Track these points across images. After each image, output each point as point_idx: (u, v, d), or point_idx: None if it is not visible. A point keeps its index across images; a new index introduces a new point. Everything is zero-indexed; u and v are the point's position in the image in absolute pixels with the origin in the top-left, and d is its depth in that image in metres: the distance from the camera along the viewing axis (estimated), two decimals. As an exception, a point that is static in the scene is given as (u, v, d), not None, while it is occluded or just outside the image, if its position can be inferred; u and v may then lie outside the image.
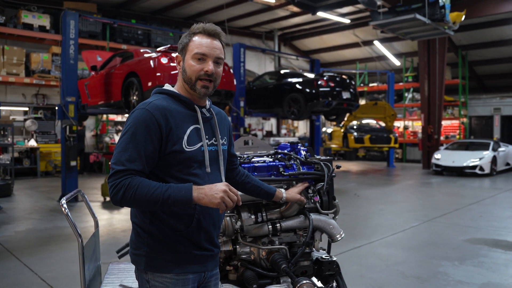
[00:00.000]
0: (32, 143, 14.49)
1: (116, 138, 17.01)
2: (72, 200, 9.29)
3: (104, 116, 16.45)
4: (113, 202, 1.72)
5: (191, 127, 1.86)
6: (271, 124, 23.41)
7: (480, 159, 14.96)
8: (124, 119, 17.60)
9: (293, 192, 2.43)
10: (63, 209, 2.44)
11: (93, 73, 10.42)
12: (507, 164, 16.66)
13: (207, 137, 1.91)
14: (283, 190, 2.39)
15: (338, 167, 2.65)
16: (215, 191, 1.71)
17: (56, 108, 11.37)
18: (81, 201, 9.16)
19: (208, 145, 1.90)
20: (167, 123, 1.78)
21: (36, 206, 9.11)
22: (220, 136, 1.98)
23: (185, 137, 1.82)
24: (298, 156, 2.70)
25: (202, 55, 1.86)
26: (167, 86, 1.96)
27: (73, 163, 9.55)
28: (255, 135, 19.75)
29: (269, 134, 20.94)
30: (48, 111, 15.60)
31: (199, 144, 1.86)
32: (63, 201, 2.51)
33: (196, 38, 1.89)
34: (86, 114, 11.28)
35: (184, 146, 1.81)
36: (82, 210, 8.48)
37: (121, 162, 1.71)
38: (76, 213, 8.23)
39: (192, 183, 1.75)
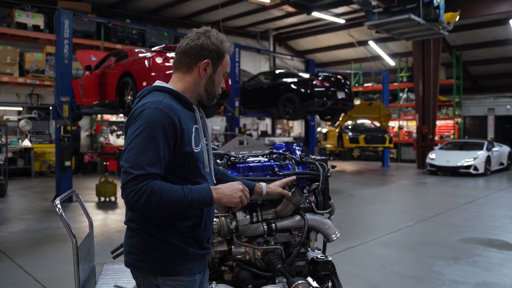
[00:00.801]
0: (26, 143, 14.42)
1: (111, 138, 16.96)
2: (66, 201, 9.26)
3: (99, 116, 16.39)
4: (133, 209, 1.67)
5: (193, 128, 1.87)
6: (266, 124, 23.41)
7: (474, 159, 15.03)
8: (119, 119, 17.56)
9: (275, 186, 2.33)
10: (57, 209, 2.43)
11: (87, 73, 10.37)
12: (501, 163, 16.75)
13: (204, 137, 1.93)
14: (263, 184, 2.30)
15: (333, 167, 2.65)
16: (233, 190, 1.77)
17: (50, 108, 11.33)
18: (76, 201, 9.13)
19: (205, 145, 1.93)
20: (180, 123, 1.76)
21: (30, 207, 9.06)
22: (208, 136, 2.02)
23: (193, 138, 1.83)
24: (293, 156, 2.69)
25: (227, 74, 1.99)
26: (163, 84, 1.91)
27: (67, 163, 9.51)
28: (250, 135, 19.75)
29: (264, 134, 20.94)
30: (42, 111, 15.54)
31: (200, 145, 1.88)
32: (57, 201, 2.49)
33: (227, 57, 1.96)
34: (81, 114, 11.23)
35: (193, 147, 1.82)
36: (76, 210, 8.45)
37: (141, 166, 1.64)
38: (70, 213, 8.19)
39: (208, 184, 1.80)
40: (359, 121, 19.40)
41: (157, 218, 1.79)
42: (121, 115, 13.90)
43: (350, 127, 18.27)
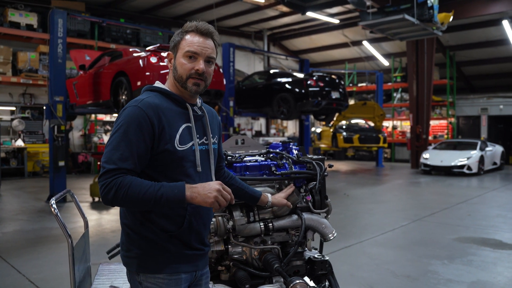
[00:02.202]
0: (19, 143, 14.33)
1: (105, 138, 16.89)
2: (60, 201, 9.20)
3: (93, 116, 16.32)
4: (104, 202, 1.68)
5: (183, 126, 1.84)
6: (260, 124, 23.41)
7: (468, 158, 15.10)
8: (113, 119, 17.49)
9: (280, 197, 2.39)
10: (53, 209, 2.41)
11: (81, 72, 10.33)
12: (494, 163, 16.85)
13: (198, 136, 1.89)
14: (269, 194, 2.35)
15: (330, 166, 2.65)
16: (208, 190, 1.69)
17: (44, 107, 11.27)
18: (70, 201, 9.09)
19: (199, 144, 1.88)
20: (159, 121, 1.76)
21: (24, 207, 9.00)
22: (211, 135, 1.97)
23: (177, 136, 1.80)
24: (290, 155, 2.68)
25: (193, 53, 1.84)
26: (158, 84, 1.92)
27: (61, 163, 9.46)
28: (244, 134, 19.72)
29: (259, 134, 20.94)
30: (35, 110, 15.46)
31: (191, 143, 1.84)
32: (53, 201, 2.47)
33: (188, 37, 1.86)
34: (75, 113, 11.18)
35: (176, 145, 1.79)
36: (70, 210, 8.40)
37: (113, 161, 1.67)
38: (65, 213, 8.15)
39: (184, 182, 1.72)
40: (353, 121, 19.45)
41: (141, 215, 1.79)
42: (115, 114, 13.84)
43: (344, 127, 18.32)
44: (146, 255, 1.81)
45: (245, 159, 2.65)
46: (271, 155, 2.72)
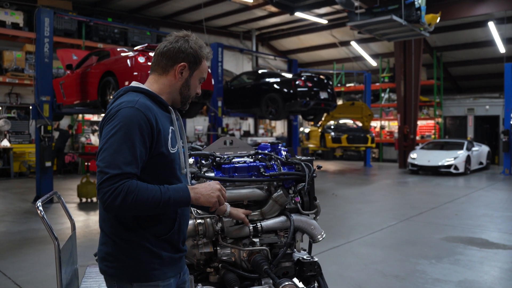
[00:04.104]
0: (5, 143, 14.15)
1: (93, 138, 16.74)
2: (47, 202, 9.06)
3: (80, 115, 16.17)
4: (109, 210, 1.63)
5: (170, 129, 1.85)
6: (248, 124, 23.41)
7: (455, 158, 15.25)
8: (101, 119, 17.31)
9: (238, 212, 2.39)
10: (39, 211, 2.38)
11: (68, 72, 10.23)
12: (480, 163, 17.02)
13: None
14: (228, 204, 2.33)
15: (319, 167, 2.65)
16: (211, 190, 1.77)
17: (30, 107, 11.14)
18: (57, 202, 8.99)
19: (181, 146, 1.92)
20: (157, 123, 1.75)
21: (10, 208, 8.89)
22: (185, 138, 2.01)
23: (169, 139, 1.81)
24: (279, 157, 2.68)
25: (203, 80, 1.98)
26: (138, 84, 1.90)
27: (48, 164, 9.36)
28: (233, 135, 19.72)
29: (247, 134, 20.94)
30: (21, 110, 15.28)
31: (177, 146, 1.87)
32: (39, 203, 2.44)
33: (205, 62, 1.94)
34: (62, 113, 11.08)
35: (169, 148, 1.80)
36: (57, 211, 8.32)
37: (117, 165, 1.61)
38: (51, 215, 8.06)
39: (185, 183, 1.78)
40: (341, 121, 19.54)
41: (131, 221, 1.76)
42: (103, 114, 13.74)
43: (332, 127, 18.40)
44: (139, 263, 1.77)
45: (233, 160, 2.64)
46: (260, 156, 2.71)
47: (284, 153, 2.73)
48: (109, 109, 1.77)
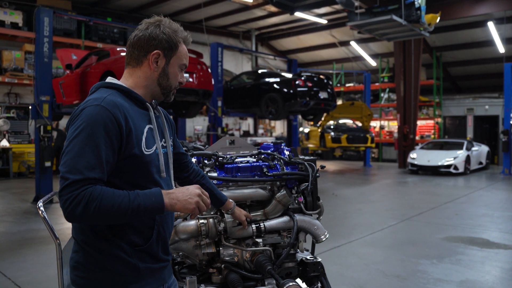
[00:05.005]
0: (4, 143, 14.11)
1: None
2: (47, 202, 9.07)
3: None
4: (69, 219, 1.46)
5: (146, 127, 1.69)
6: (248, 124, 23.40)
7: (455, 158, 15.24)
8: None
9: (240, 213, 2.33)
10: (40, 212, 2.36)
11: (68, 71, 10.21)
12: (480, 163, 17.02)
13: (158, 138, 1.75)
14: (233, 202, 2.30)
15: (322, 167, 2.64)
16: (189, 195, 1.58)
17: (30, 107, 11.11)
18: (56, 202, 8.96)
19: (161, 147, 1.75)
20: (126, 122, 1.58)
21: (9, 208, 8.87)
22: (168, 137, 1.85)
23: (144, 139, 1.65)
24: (282, 156, 2.67)
25: (185, 67, 1.81)
26: (113, 80, 1.75)
27: (47, 164, 9.34)
28: (233, 135, 19.71)
29: (247, 134, 20.94)
30: (21, 110, 15.26)
31: (154, 147, 1.70)
32: (40, 203, 2.42)
33: (182, 47, 1.78)
34: (61, 113, 11.05)
35: (143, 149, 1.63)
36: (57, 211, 8.29)
37: (78, 170, 1.44)
38: (51, 215, 8.03)
39: (159, 188, 1.59)
40: (341, 121, 19.53)
41: (105, 229, 1.60)
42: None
43: (332, 127, 18.39)
44: (112, 275, 1.61)
45: (236, 160, 2.62)
46: (263, 156, 2.70)
47: (287, 153, 2.72)
48: (75, 109, 1.63)
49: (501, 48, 18.77)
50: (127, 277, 1.63)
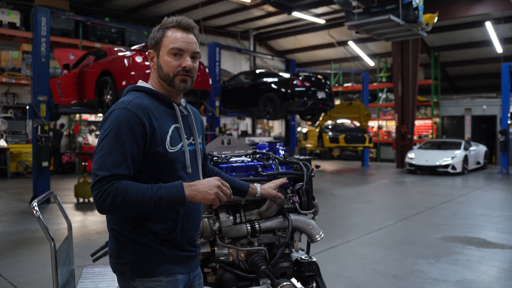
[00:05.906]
0: (2, 143, 14.10)
1: (90, 138, 16.71)
2: (44, 202, 9.07)
3: (77, 115, 16.13)
4: (100, 211, 1.63)
5: (172, 127, 1.79)
6: (246, 124, 23.39)
7: (452, 158, 15.26)
8: (98, 119, 17.32)
9: (269, 188, 2.27)
10: (35, 211, 2.36)
11: (65, 71, 10.20)
12: (478, 162, 17.04)
13: (186, 136, 1.84)
14: (257, 185, 2.26)
15: (317, 166, 2.63)
16: (208, 186, 1.66)
17: (27, 107, 11.10)
18: (53, 202, 8.95)
19: (187, 144, 1.84)
20: (150, 123, 1.71)
21: (6, 208, 8.85)
22: (197, 135, 1.93)
23: (168, 138, 1.75)
24: (277, 156, 2.66)
25: (178, 50, 1.79)
26: (142, 83, 1.86)
27: (45, 164, 9.32)
28: (230, 134, 19.67)
29: (245, 134, 20.92)
30: (18, 110, 15.24)
31: (180, 144, 1.80)
32: (35, 203, 2.42)
33: (170, 33, 1.80)
34: (59, 113, 11.03)
35: (167, 147, 1.75)
36: (54, 212, 8.28)
37: (106, 168, 1.61)
38: (48, 215, 8.03)
39: (181, 180, 1.69)
40: (339, 121, 19.53)
41: (132, 220, 1.74)
42: (100, 114, 13.70)
43: (330, 126, 18.38)
44: (140, 259, 1.75)
45: (231, 159, 2.62)
46: (258, 155, 2.69)
47: (282, 152, 2.71)
48: (107, 111, 1.77)
49: (498, 48, 18.80)
50: (152, 260, 1.76)
